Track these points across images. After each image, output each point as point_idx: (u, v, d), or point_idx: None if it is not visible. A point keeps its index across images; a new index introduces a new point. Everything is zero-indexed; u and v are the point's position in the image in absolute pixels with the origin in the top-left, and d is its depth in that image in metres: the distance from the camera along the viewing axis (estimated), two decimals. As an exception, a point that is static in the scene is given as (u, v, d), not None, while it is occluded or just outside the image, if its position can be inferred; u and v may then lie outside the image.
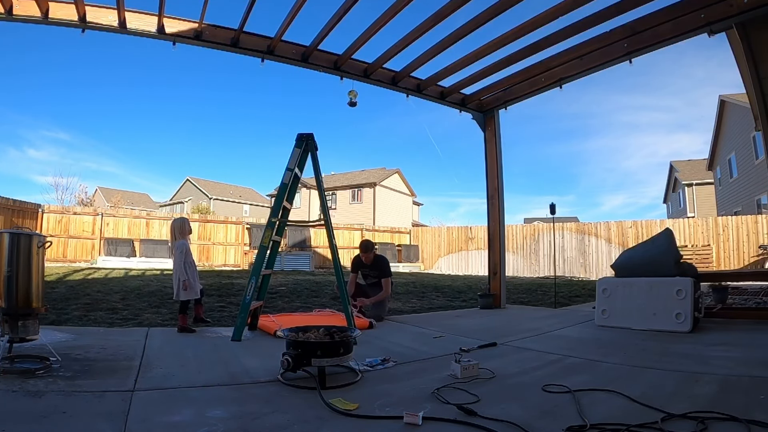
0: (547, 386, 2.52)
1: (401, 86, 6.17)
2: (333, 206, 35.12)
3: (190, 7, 8.68)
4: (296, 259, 18.23)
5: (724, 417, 1.96)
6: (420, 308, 6.83)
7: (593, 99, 75.43)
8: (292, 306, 6.53)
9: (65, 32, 39.71)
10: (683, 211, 29.34)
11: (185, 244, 4.59)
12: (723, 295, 5.63)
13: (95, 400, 2.23)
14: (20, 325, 2.75)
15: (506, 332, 4.44)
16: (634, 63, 5.01)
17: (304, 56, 5.39)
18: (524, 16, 4.75)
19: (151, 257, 16.14)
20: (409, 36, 5.02)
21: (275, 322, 4.54)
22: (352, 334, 2.83)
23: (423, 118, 31.79)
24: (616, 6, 4.44)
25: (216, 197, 44.83)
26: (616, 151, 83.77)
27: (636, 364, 3.04)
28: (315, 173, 4.55)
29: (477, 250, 19.39)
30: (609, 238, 16.67)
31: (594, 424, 1.92)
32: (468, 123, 6.96)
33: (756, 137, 17.31)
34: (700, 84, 63.46)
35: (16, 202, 14.51)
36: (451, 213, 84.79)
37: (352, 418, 2.06)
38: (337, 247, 4.48)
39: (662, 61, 67.97)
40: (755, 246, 14.29)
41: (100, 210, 17.40)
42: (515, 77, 6.07)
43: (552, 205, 7.52)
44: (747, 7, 4.02)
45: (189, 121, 69.44)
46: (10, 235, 2.81)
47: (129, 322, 4.81)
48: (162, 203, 50.24)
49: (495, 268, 6.85)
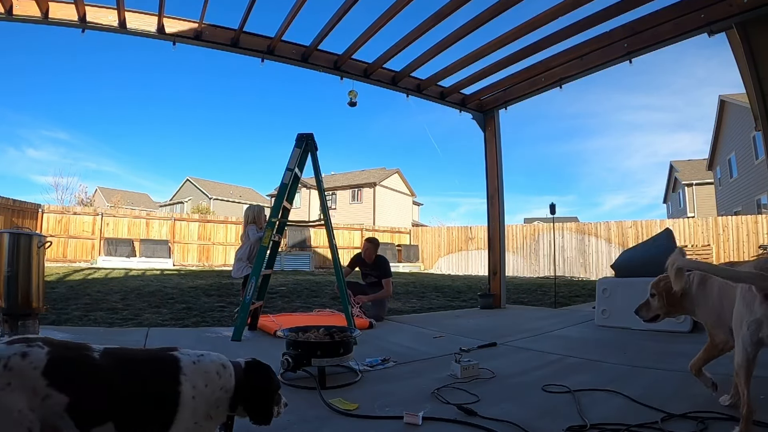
0: (547, 386, 2.52)
1: (401, 86, 6.17)
2: (333, 206, 35.12)
3: (190, 7, 8.66)
4: (296, 259, 18.24)
5: (724, 417, 1.96)
6: (420, 308, 6.83)
7: (593, 99, 75.55)
8: (292, 306, 6.53)
9: (65, 32, 39.84)
10: (683, 211, 29.34)
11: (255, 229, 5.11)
12: (723, 295, 5.61)
13: (95, 400, 2.22)
14: (20, 325, 2.76)
15: (506, 332, 4.44)
16: (634, 63, 5.01)
17: (304, 56, 5.40)
18: (524, 16, 4.75)
19: (151, 257, 16.15)
20: (409, 36, 5.02)
21: (275, 322, 4.54)
22: (352, 334, 2.83)
23: (423, 118, 31.75)
24: (616, 6, 4.44)
25: (216, 197, 44.81)
26: (617, 151, 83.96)
27: (636, 364, 3.04)
28: (315, 173, 4.55)
29: (477, 250, 19.40)
30: (609, 238, 16.67)
31: (594, 424, 1.92)
32: (468, 123, 6.97)
33: (756, 137, 17.32)
34: (701, 83, 63.52)
35: (16, 202, 14.52)
36: (451, 213, 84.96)
37: (352, 418, 2.06)
38: (337, 247, 4.48)
39: (663, 61, 68.15)
40: (755, 246, 14.28)
41: (100, 210, 17.41)
42: (515, 77, 6.07)
43: (552, 205, 7.53)
44: (747, 7, 4.02)
45: (189, 121, 69.50)
46: (10, 235, 2.82)
47: (129, 322, 4.81)
48: (162, 203, 50.20)
49: (495, 268, 6.85)
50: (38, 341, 1.18)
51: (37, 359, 1.12)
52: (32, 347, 1.14)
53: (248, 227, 5.18)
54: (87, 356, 1.23)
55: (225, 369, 1.38)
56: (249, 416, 1.42)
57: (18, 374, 1.09)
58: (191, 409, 1.27)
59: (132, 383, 1.23)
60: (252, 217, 5.20)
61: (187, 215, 24.17)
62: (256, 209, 5.31)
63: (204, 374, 1.33)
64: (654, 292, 2.27)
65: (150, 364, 1.31)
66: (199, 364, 1.35)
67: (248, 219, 5.23)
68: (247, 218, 5.24)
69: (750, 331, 1.69)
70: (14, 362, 1.10)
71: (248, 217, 5.24)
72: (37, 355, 1.13)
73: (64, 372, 1.15)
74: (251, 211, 5.27)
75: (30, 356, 1.12)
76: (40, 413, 1.11)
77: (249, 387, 1.40)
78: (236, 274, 5.08)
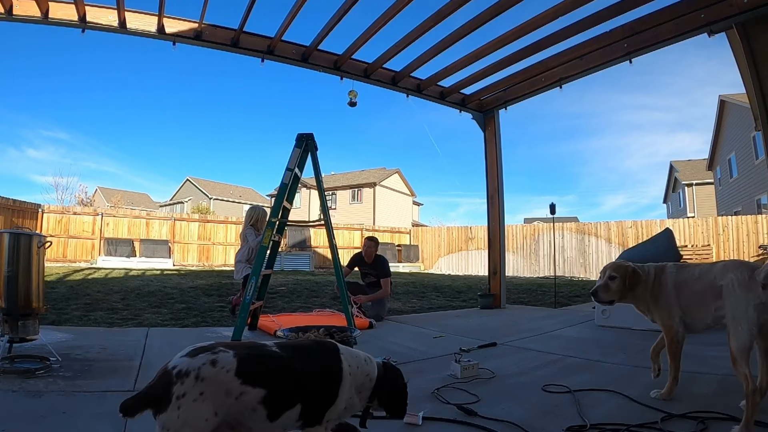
0: (547, 386, 2.52)
1: (401, 86, 6.17)
2: (333, 206, 35.12)
3: (190, 7, 8.67)
4: (296, 259, 18.24)
5: (724, 417, 1.96)
6: (420, 308, 6.83)
7: (593, 99, 75.53)
8: (292, 306, 6.52)
9: (65, 32, 39.81)
10: (683, 211, 29.34)
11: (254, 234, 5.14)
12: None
13: (95, 400, 2.23)
14: (20, 325, 2.75)
15: (506, 332, 4.44)
16: (634, 63, 5.01)
17: (304, 56, 5.40)
18: (524, 16, 4.75)
19: (151, 257, 16.15)
20: (409, 36, 5.02)
21: (275, 322, 4.55)
22: (352, 334, 2.84)
23: (423, 118, 31.76)
24: (616, 6, 4.44)
25: (216, 197, 44.81)
26: (617, 151, 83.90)
27: (636, 364, 3.04)
28: (315, 173, 4.55)
29: (477, 250, 19.40)
30: (609, 238, 16.67)
31: (594, 424, 1.92)
32: (468, 123, 6.97)
33: (756, 137, 17.32)
34: (701, 83, 63.47)
35: (16, 202, 14.51)
36: (451, 213, 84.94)
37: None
38: (337, 247, 4.47)
39: (663, 61, 68.26)
40: (755, 246, 14.29)
41: (100, 210, 17.40)
42: (515, 77, 6.07)
43: (552, 205, 7.53)
44: (747, 7, 4.02)
45: (189, 121, 69.43)
46: (10, 235, 2.81)
47: (129, 322, 4.81)
48: (162, 203, 50.19)
49: (495, 268, 6.85)
50: (218, 347, 1.28)
51: (227, 363, 1.24)
52: (217, 353, 1.25)
53: (247, 229, 5.19)
54: (268, 350, 1.39)
55: (370, 360, 1.56)
56: (386, 408, 1.56)
57: (211, 382, 1.20)
58: (349, 383, 1.44)
59: (310, 365, 1.40)
60: (254, 219, 5.21)
61: (187, 215, 24.16)
62: (260, 212, 5.30)
63: (355, 358, 1.51)
64: (615, 275, 2.34)
65: (316, 348, 1.49)
66: (349, 350, 1.53)
67: (249, 220, 5.24)
68: (249, 219, 5.25)
69: (757, 313, 1.85)
70: (206, 371, 1.20)
71: (250, 218, 5.25)
72: (226, 359, 1.25)
73: (256, 368, 1.28)
74: (254, 213, 5.27)
75: (219, 362, 1.23)
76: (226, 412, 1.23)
77: (389, 381, 1.54)
78: (238, 276, 5.12)
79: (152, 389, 1.19)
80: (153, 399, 1.18)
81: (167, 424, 1.16)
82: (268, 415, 1.28)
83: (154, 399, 1.18)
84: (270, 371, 1.32)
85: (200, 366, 1.21)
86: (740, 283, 1.93)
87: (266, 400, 1.27)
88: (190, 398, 1.17)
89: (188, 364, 1.21)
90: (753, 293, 1.88)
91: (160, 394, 1.18)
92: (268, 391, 1.27)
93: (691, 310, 2.19)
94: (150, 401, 1.18)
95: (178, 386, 1.17)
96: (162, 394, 1.18)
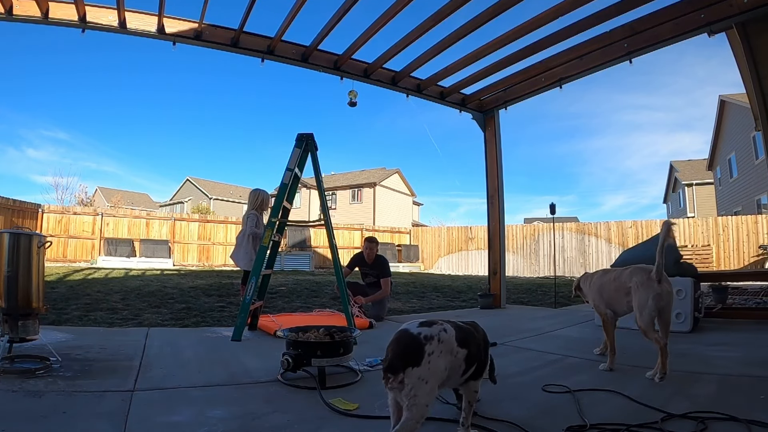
0: (547, 386, 2.52)
1: (401, 86, 6.17)
2: (333, 206, 35.11)
3: (190, 7, 8.67)
4: (296, 259, 18.24)
5: (724, 417, 1.96)
6: (420, 308, 6.83)
7: (594, 99, 75.52)
8: (292, 306, 6.52)
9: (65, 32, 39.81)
10: (683, 211, 29.34)
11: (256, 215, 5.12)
12: (723, 295, 5.62)
13: (95, 400, 2.23)
14: (20, 325, 2.75)
15: (506, 332, 4.44)
16: (634, 63, 5.01)
17: (304, 56, 5.40)
18: (524, 16, 4.75)
19: (151, 257, 16.15)
20: (409, 36, 5.02)
21: (275, 322, 4.54)
22: (352, 334, 2.83)
23: (423, 118, 31.78)
24: (616, 6, 4.44)
25: (216, 197, 44.81)
26: (617, 151, 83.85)
27: (636, 364, 3.04)
28: (315, 173, 4.55)
29: (477, 250, 19.40)
30: (609, 238, 16.68)
31: (594, 424, 1.92)
32: (468, 123, 6.97)
33: (756, 137, 17.33)
34: (701, 83, 63.48)
35: (16, 202, 14.52)
36: (451, 213, 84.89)
37: (352, 418, 2.06)
38: (337, 247, 4.47)
39: (663, 61, 68.17)
40: (755, 246, 14.30)
41: (100, 210, 17.41)
42: (515, 77, 6.07)
43: (552, 205, 7.53)
44: (747, 7, 4.02)
45: (189, 121, 69.37)
46: (10, 235, 2.81)
47: (129, 322, 4.81)
48: (162, 203, 50.18)
49: (495, 268, 6.85)
50: (440, 322, 1.71)
51: (451, 333, 1.70)
52: (444, 325, 1.70)
53: (249, 213, 5.17)
54: (461, 325, 1.81)
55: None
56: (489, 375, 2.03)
57: (446, 344, 1.65)
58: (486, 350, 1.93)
59: (482, 336, 1.91)
60: (258, 202, 5.19)
61: (187, 215, 24.17)
62: (263, 195, 5.27)
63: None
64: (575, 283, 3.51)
65: (472, 325, 1.91)
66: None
67: (253, 204, 5.21)
68: (252, 203, 5.22)
69: (654, 302, 2.64)
70: (443, 336, 1.66)
71: (254, 200, 5.21)
72: (450, 330, 1.70)
73: (464, 337, 1.75)
74: (257, 195, 5.23)
75: (447, 332, 1.68)
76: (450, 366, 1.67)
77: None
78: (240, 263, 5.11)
79: (407, 350, 1.57)
80: (411, 357, 1.55)
81: (422, 375, 1.54)
82: (465, 370, 1.74)
83: (413, 356, 1.55)
84: (467, 338, 1.77)
85: (439, 332, 1.64)
86: (641, 284, 2.71)
87: (467, 357, 1.73)
88: (436, 355, 1.59)
89: (430, 331, 1.63)
90: (651, 289, 2.65)
91: (417, 352, 1.56)
92: (468, 351, 1.73)
93: (612, 303, 3.01)
94: (409, 359, 1.55)
95: (428, 346, 1.59)
96: (418, 352, 1.56)
